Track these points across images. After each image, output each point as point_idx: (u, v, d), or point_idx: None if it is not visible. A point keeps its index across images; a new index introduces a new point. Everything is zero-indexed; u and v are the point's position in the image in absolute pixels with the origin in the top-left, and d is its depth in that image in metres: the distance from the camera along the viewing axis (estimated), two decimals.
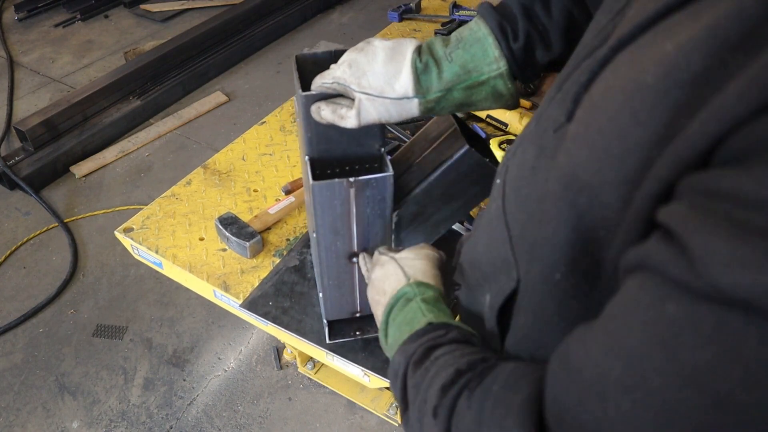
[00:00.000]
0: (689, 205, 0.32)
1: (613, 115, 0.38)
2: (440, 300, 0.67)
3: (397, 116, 0.73)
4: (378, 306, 0.72)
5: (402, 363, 0.58)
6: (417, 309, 0.64)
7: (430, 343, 0.57)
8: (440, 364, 0.53)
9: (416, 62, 0.69)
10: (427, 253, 0.74)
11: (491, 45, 0.69)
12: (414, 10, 2.09)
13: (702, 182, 0.32)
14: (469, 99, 0.71)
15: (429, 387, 0.52)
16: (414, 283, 0.68)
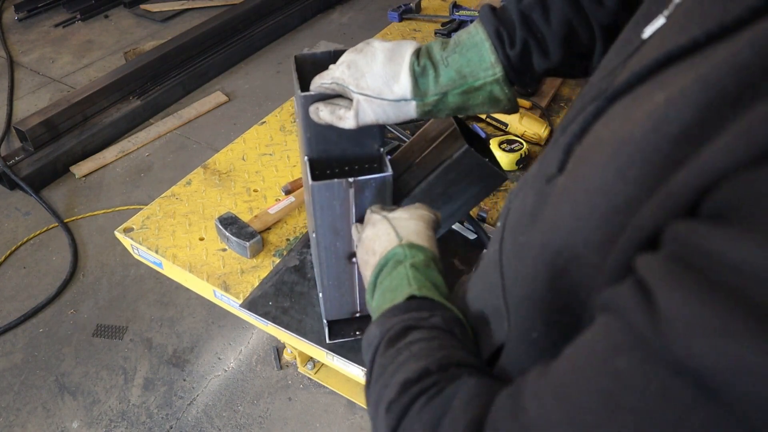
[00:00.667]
0: (667, 255, 0.31)
1: (600, 171, 0.36)
2: (431, 265, 0.63)
3: (394, 118, 0.73)
4: (367, 266, 0.69)
5: (377, 336, 0.55)
6: (404, 275, 0.61)
7: (410, 323, 0.54)
8: (412, 352, 0.50)
9: (414, 65, 0.69)
10: (422, 213, 0.71)
11: (487, 50, 0.69)
12: (414, 10, 2.09)
13: (682, 233, 0.30)
14: (466, 103, 0.71)
15: (393, 374, 0.50)
16: (406, 245, 0.64)
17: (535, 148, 1.48)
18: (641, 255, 0.33)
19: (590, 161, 0.38)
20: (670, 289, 0.29)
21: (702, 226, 0.29)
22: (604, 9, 0.69)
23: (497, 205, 1.33)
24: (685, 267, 0.29)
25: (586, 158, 0.39)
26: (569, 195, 0.40)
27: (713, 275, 0.28)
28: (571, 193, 0.39)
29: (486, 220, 1.30)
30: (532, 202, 0.49)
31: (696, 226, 0.30)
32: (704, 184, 0.30)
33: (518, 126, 1.48)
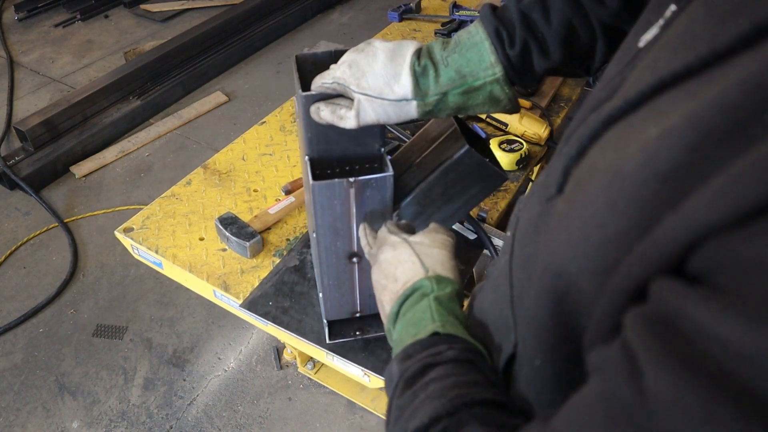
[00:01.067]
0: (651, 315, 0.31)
1: (592, 200, 0.36)
2: (454, 299, 0.62)
3: (395, 118, 0.72)
4: (385, 291, 0.66)
5: (396, 375, 0.56)
6: (427, 309, 0.60)
7: (428, 360, 0.54)
8: (427, 394, 0.50)
9: (415, 65, 0.69)
10: (443, 239, 0.68)
11: (487, 50, 0.69)
12: (414, 10, 2.09)
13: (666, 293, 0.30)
14: (466, 103, 0.71)
15: (409, 420, 0.49)
16: (433, 277, 0.62)
17: (535, 148, 1.48)
18: (629, 309, 0.32)
19: (585, 188, 0.38)
20: (655, 365, 0.28)
21: (687, 289, 0.29)
22: (605, 9, 0.69)
23: (497, 205, 1.33)
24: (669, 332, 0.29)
25: (581, 184, 0.39)
26: (566, 220, 0.40)
27: (697, 348, 0.27)
28: (568, 219, 0.39)
29: (486, 220, 1.30)
30: (537, 214, 0.49)
31: (681, 289, 0.29)
32: (689, 240, 0.29)
33: (518, 126, 1.48)
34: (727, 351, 0.26)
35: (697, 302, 0.28)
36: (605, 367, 0.33)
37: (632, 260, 0.32)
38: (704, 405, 0.26)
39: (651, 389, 0.28)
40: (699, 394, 0.26)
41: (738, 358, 0.25)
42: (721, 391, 0.25)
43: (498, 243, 1.17)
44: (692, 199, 0.29)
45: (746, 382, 0.25)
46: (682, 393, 0.27)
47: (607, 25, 0.70)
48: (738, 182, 0.27)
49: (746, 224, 0.26)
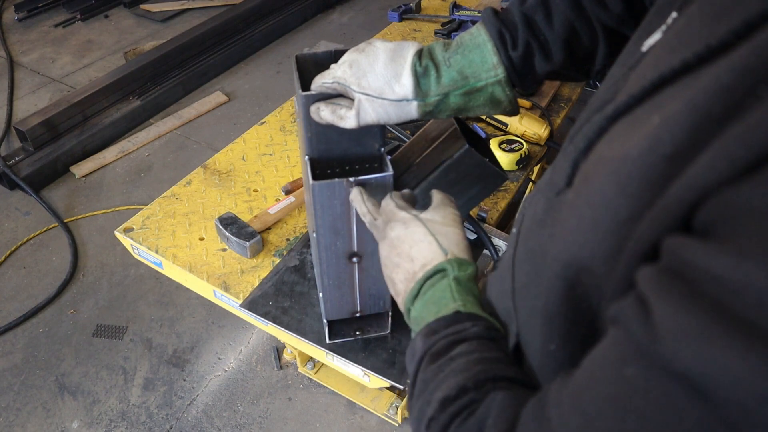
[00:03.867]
0: (662, 267, 0.34)
1: (603, 187, 0.39)
2: (473, 279, 0.62)
3: (396, 118, 0.72)
4: (397, 269, 0.65)
5: (421, 350, 0.56)
6: (447, 288, 0.60)
7: (453, 337, 0.55)
8: (452, 368, 0.52)
9: (416, 65, 0.69)
10: (454, 215, 0.67)
11: (490, 52, 0.69)
12: (414, 10, 2.09)
13: (675, 247, 0.33)
14: (467, 104, 0.71)
15: (434, 391, 0.51)
16: (454, 261, 0.61)
17: (535, 148, 1.48)
18: (641, 268, 0.35)
19: (594, 178, 0.40)
20: (662, 301, 0.32)
21: (691, 241, 0.32)
22: (608, 12, 0.69)
23: (497, 205, 1.33)
24: (676, 279, 0.32)
25: (590, 175, 0.42)
26: (576, 210, 0.42)
27: (699, 287, 0.30)
28: (578, 208, 0.42)
29: (486, 220, 1.30)
30: (542, 209, 0.51)
31: (686, 241, 0.32)
32: (693, 199, 0.32)
33: (518, 126, 1.48)
34: (724, 285, 0.29)
35: (698, 248, 0.31)
36: (619, 316, 0.36)
37: (643, 226, 0.35)
38: (701, 329, 0.29)
39: (657, 321, 0.32)
40: (700, 320, 0.29)
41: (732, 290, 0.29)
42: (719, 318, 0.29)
43: (498, 243, 1.17)
44: (694, 165, 0.32)
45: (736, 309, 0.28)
46: (683, 320, 0.30)
47: (609, 28, 0.70)
48: (732, 145, 0.30)
49: (740, 179, 0.30)
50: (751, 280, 0.28)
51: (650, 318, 0.32)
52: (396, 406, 1.75)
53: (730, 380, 0.28)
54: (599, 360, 0.37)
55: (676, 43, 0.41)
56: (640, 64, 0.46)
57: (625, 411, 0.33)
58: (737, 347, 0.28)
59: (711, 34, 0.36)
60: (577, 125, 0.53)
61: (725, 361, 0.28)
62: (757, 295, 0.28)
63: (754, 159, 0.29)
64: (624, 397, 0.33)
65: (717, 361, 0.28)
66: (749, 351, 0.27)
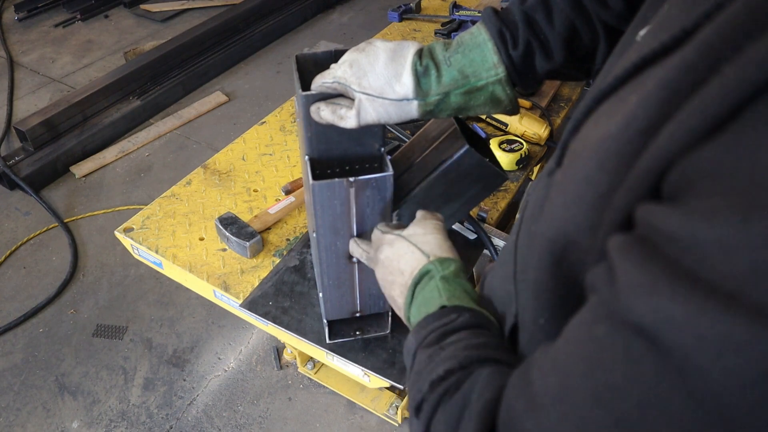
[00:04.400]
0: (633, 234, 0.35)
1: (585, 164, 0.41)
2: (460, 274, 0.66)
3: (396, 118, 0.73)
4: (393, 286, 0.70)
5: (413, 344, 0.60)
6: (434, 289, 0.64)
7: (442, 330, 0.58)
8: (441, 357, 0.54)
9: (417, 65, 0.69)
10: (434, 224, 0.72)
11: (490, 51, 0.69)
12: (414, 10, 2.09)
13: (642, 215, 0.35)
14: (468, 104, 0.71)
15: (426, 377, 0.53)
16: (436, 260, 0.66)
17: (535, 148, 1.48)
18: (612, 236, 0.37)
19: (579, 156, 0.43)
20: (624, 261, 0.34)
21: (655, 206, 0.34)
22: (608, 11, 0.69)
23: (497, 205, 1.33)
24: (641, 243, 0.34)
25: (576, 153, 0.44)
26: (562, 187, 0.44)
27: (658, 247, 0.33)
28: (564, 185, 0.44)
29: (486, 220, 1.30)
30: (542, 194, 0.53)
31: (651, 207, 0.35)
32: (659, 168, 0.34)
33: (518, 126, 1.48)
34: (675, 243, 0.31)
35: (659, 212, 0.34)
36: (592, 282, 0.38)
37: (618, 197, 0.38)
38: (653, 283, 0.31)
39: (619, 280, 0.34)
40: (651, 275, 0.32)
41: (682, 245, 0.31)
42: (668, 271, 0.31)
43: (498, 243, 1.17)
44: (659, 136, 0.35)
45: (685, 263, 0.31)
46: (639, 277, 0.32)
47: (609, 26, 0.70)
48: (690, 116, 0.33)
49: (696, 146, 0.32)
50: (697, 235, 0.30)
51: (614, 278, 0.34)
52: (396, 406, 1.75)
53: (674, 327, 0.30)
54: (576, 324, 0.39)
55: (658, 28, 0.44)
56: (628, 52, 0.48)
57: (594, 367, 0.35)
58: (681, 296, 0.30)
59: (687, 17, 0.38)
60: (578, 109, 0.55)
61: (670, 310, 0.30)
62: (701, 249, 0.30)
63: (708, 127, 0.32)
64: (594, 354, 0.35)
65: (663, 311, 0.30)
66: (689, 299, 0.29)
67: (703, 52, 0.34)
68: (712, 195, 0.31)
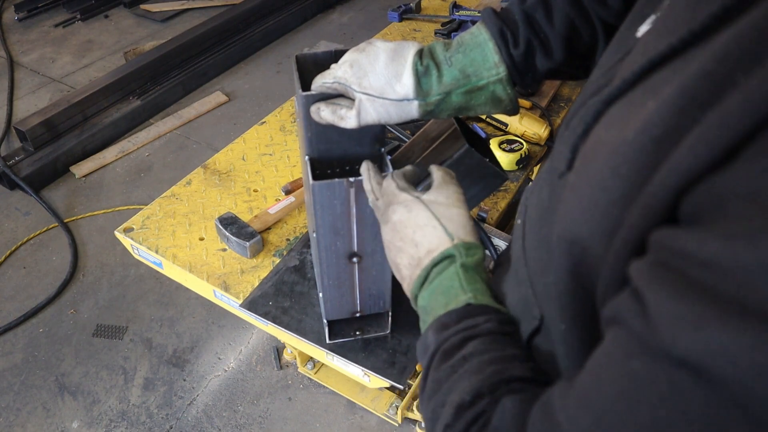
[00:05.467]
0: (652, 261, 0.35)
1: (599, 168, 0.40)
2: (480, 264, 0.60)
3: (396, 118, 0.73)
4: (401, 254, 0.63)
5: (433, 344, 0.55)
6: (455, 276, 0.58)
7: (466, 333, 0.54)
8: (466, 370, 0.51)
9: (417, 65, 0.69)
10: (457, 194, 0.65)
11: (491, 50, 0.69)
12: (414, 10, 2.09)
13: (663, 239, 0.34)
14: (469, 103, 0.71)
15: (449, 392, 0.51)
16: (461, 245, 0.59)
17: (535, 148, 1.48)
18: (633, 262, 0.36)
19: (593, 160, 0.42)
20: (655, 293, 0.33)
21: (679, 231, 0.33)
22: (607, 9, 0.70)
23: (497, 205, 1.33)
24: (668, 270, 0.33)
25: (589, 157, 0.43)
26: (577, 190, 0.43)
27: (690, 274, 0.31)
28: (578, 189, 0.43)
29: (486, 220, 1.30)
30: (548, 196, 0.52)
31: (674, 232, 0.33)
32: (678, 186, 0.33)
33: (518, 126, 1.48)
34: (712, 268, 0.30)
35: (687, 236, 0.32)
36: (617, 313, 0.37)
37: (633, 212, 0.36)
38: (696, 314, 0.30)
39: (653, 312, 0.33)
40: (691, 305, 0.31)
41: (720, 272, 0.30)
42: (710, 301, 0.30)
43: (498, 243, 1.17)
44: (678, 149, 0.33)
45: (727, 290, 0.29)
46: (677, 308, 0.31)
47: (608, 24, 0.71)
48: (710, 131, 0.32)
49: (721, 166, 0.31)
50: (739, 260, 0.29)
51: (646, 310, 0.33)
52: (396, 406, 1.75)
53: (728, 359, 0.29)
54: (603, 359, 0.37)
55: (663, 28, 0.43)
56: (633, 50, 0.48)
57: (634, 403, 0.33)
58: (731, 327, 0.28)
59: (693, 18, 0.38)
60: (572, 110, 0.55)
61: (721, 342, 0.29)
62: (745, 274, 0.29)
63: (732, 144, 0.31)
64: (632, 390, 0.34)
65: (713, 343, 0.29)
66: (742, 329, 0.28)
67: (721, 60, 0.33)
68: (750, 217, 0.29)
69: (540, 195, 0.54)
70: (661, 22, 0.45)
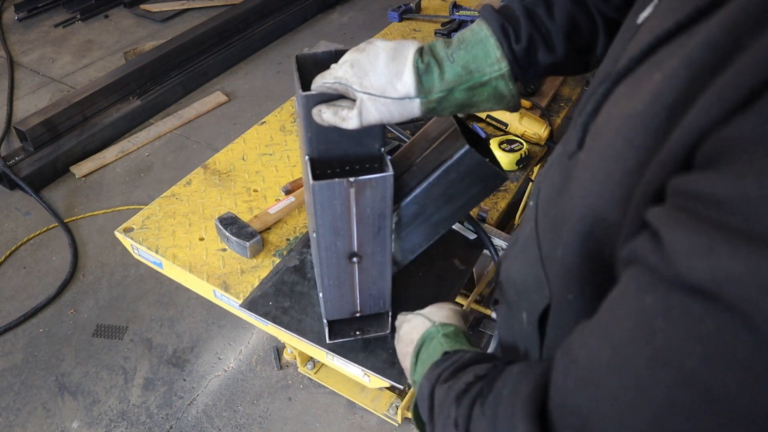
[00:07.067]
0: (669, 205, 0.37)
1: (611, 142, 0.43)
2: (461, 335, 0.72)
3: (398, 116, 0.73)
4: (407, 357, 0.76)
5: (427, 387, 0.63)
6: (438, 344, 0.70)
7: (453, 367, 0.61)
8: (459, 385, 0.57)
9: (418, 63, 0.70)
10: (451, 306, 0.80)
11: (493, 46, 0.70)
12: (414, 10, 2.09)
13: (678, 184, 0.37)
14: (471, 100, 0.72)
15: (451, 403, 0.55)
16: (438, 324, 0.74)
17: (535, 148, 1.48)
18: (650, 210, 0.39)
19: (604, 135, 0.45)
20: (671, 229, 0.36)
21: (693, 175, 0.36)
22: (607, 3, 0.71)
23: (497, 205, 1.33)
24: (682, 210, 0.36)
25: (600, 133, 0.46)
26: (589, 166, 0.46)
27: (704, 212, 0.34)
28: (591, 164, 0.46)
29: (486, 220, 1.30)
30: (559, 178, 0.56)
31: (688, 177, 0.36)
32: (692, 141, 0.36)
33: (518, 126, 1.48)
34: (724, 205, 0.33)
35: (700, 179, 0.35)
36: (633, 253, 0.39)
37: (651, 171, 0.39)
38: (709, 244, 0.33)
39: (668, 246, 0.35)
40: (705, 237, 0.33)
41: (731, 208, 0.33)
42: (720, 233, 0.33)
43: (498, 243, 1.17)
44: (691, 111, 0.36)
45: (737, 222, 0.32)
46: (692, 241, 0.34)
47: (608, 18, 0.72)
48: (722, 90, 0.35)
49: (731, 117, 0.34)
50: (746, 196, 0.32)
51: (662, 246, 0.36)
52: (396, 406, 1.75)
53: (737, 281, 0.32)
54: (620, 297, 0.40)
55: (667, 9, 0.45)
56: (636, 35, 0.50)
57: (651, 332, 0.36)
58: (739, 254, 0.31)
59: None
60: (584, 98, 0.57)
61: (730, 268, 0.32)
62: (752, 208, 0.32)
63: (742, 98, 0.34)
64: (648, 320, 0.36)
65: (723, 269, 0.32)
66: (748, 255, 0.31)
67: (727, 29, 0.36)
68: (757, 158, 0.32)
69: (552, 179, 0.58)
70: (664, 4, 0.46)
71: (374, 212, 0.84)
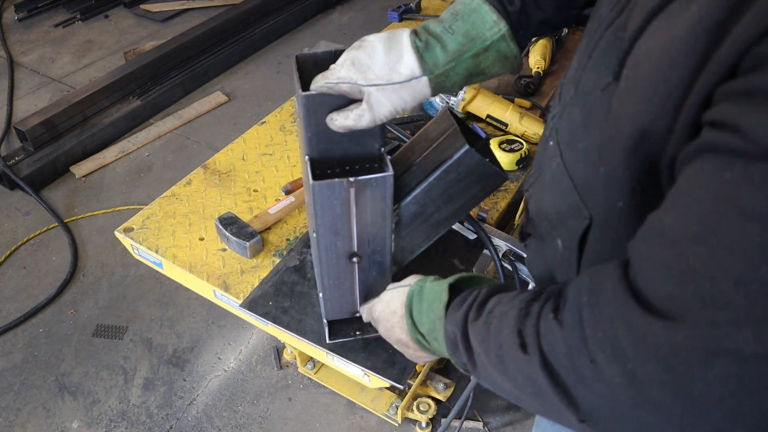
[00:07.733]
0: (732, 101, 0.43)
1: (656, 64, 0.49)
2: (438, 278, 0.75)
3: (411, 101, 0.74)
4: (394, 329, 0.79)
5: (457, 330, 0.65)
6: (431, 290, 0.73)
7: (477, 303, 0.64)
8: (499, 312, 0.60)
9: (416, 42, 0.72)
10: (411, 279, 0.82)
11: (487, 11, 0.72)
12: (414, 10, 2.09)
13: (734, 86, 0.42)
14: (478, 67, 0.74)
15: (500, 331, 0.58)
16: (415, 282, 0.76)
17: (534, 148, 1.48)
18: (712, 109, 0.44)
19: (645, 62, 0.51)
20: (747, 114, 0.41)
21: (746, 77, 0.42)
22: None
23: (497, 205, 1.33)
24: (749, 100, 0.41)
25: (639, 63, 0.52)
26: (632, 88, 0.52)
27: None
28: (635, 88, 0.52)
29: (486, 220, 1.30)
30: (581, 115, 0.63)
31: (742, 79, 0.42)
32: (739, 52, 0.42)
33: (518, 126, 1.48)
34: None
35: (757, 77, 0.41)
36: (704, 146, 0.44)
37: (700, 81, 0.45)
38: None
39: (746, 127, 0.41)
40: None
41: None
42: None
43: (498, 243, 1.17)
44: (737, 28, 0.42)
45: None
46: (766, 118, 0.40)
47: None
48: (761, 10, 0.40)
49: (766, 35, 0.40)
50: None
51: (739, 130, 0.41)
52: (396, 406, 1.75)
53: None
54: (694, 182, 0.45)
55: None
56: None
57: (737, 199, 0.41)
58: None
59: None
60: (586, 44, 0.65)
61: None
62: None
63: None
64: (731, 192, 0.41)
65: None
66: None
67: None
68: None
69: (571, 118, 0.65)
70: None
71: (374, 212, 0.84)
